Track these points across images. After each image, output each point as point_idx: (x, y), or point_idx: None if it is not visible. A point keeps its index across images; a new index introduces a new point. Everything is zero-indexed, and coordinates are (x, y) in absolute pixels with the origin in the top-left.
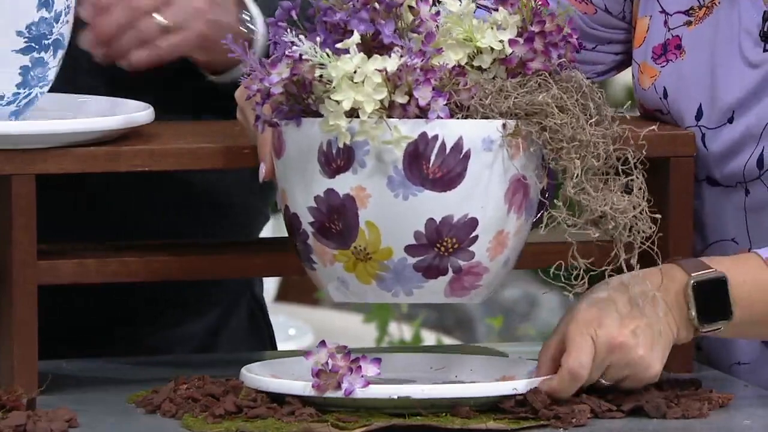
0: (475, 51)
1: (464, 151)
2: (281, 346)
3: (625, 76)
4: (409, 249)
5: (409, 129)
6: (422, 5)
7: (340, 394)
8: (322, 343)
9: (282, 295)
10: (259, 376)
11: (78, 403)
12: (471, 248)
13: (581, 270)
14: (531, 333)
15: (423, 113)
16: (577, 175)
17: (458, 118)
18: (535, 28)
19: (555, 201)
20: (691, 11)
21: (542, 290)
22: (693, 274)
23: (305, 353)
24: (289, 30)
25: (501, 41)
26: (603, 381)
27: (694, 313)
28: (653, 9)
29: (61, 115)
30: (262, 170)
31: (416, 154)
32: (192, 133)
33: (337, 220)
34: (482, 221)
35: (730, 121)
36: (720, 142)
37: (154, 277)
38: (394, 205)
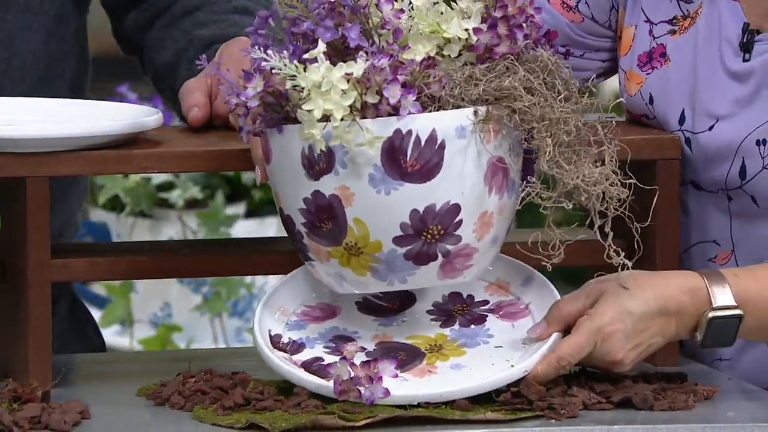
0: (445, 41)
1: (439, 141)
2: None
3: (613, 82)
4: (397, 240)
5: (381, 128)
6: (384, 5)
7: (362, 400)
8: (343, 358)
9: None
10: (282, 364)
11: (90, 395)
12: (457, 232)
13: (557, 240)
14: None
15: (396, 110)
16: (550, 152)
17: (430, 111)
18: (498, 14)
19: (529, 178)
20: (674, 20)
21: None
22: (715, 306)
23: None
24: (257, 47)
25: (466, 30)
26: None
27: (699, 337)
28: (638, 18)
29: (70, 119)
30: (258, 175)
31: (393, 150)
32: (198, 136)
33: (327, 219)
34: (464, 206)
35: (711, 128)
36: (702, 147)
37: (163, 275)
38: (377, 200)
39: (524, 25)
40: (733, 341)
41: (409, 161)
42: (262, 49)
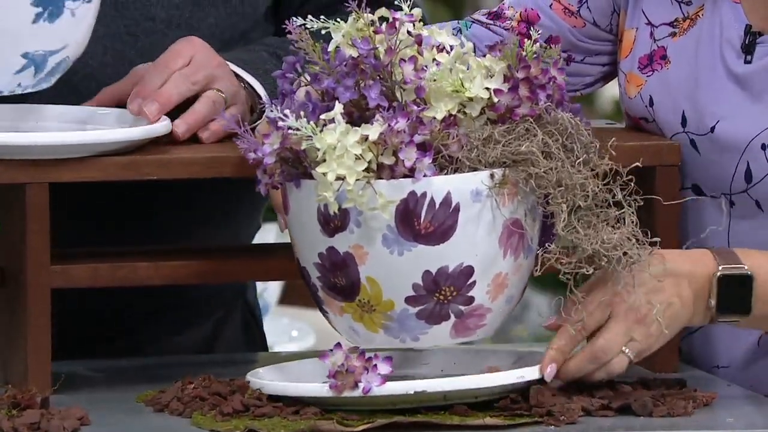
0: (467, 99)
1: (453, 204)
2: (284, 347)
3: (612, 89)
4: (410, 300)
5: (395, 192)
6: (405, 66)
7: (357, 393)
8: (338, 345)
9: (285, 298)
10: (273, 381)
11: (89, 402)
12: (470, 294)
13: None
14: (524, 335)
15: (412, 171)
16: (564, 218)
17: (447, 172)
18: (520, 75)
19: (547, 245)
20: (675, 23)
21: (534, 294)
22: (721, 267)
23: (319, 354)
24: (275, 106)
25: (488, 89)
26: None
27: (713, 303)
28: (639, 21)
29: (75, 126)
30: (281, 223)
31: (407, 212)
32: (201, 143)
33: (341, 275)
34: (478, 268)
35: (713, 130)
36: (707, 148)
37: (164, 281)
38: (390, 260)
39: (547, 85)
40: (750, 309)
41: (422, 223)
42: (278, 108)
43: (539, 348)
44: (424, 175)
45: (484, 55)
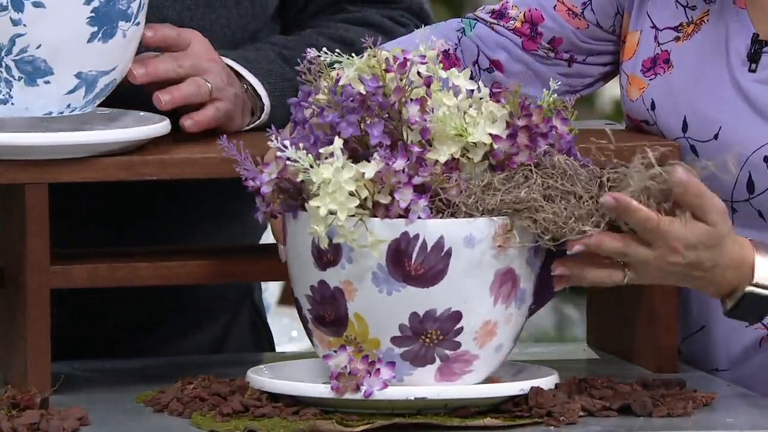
0: (470, 144)
1: (445, 249)
2: (284, 348)
3: (612, 89)
4: (395, 340)
5: (387, 231)
6: (411, 106)
7: (359, 396)
8: (342, 347)
9: (285, 298)
10: (272, 379)
11: (89, 402)
12: (456, 339)
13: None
14: (523, 335)
15: (407, 212)
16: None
17: (443, 216)
18: (521, 122)
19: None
20: (680, 27)
21: None
22: (754, 282)
23: (323, 356)
24: (276, 137)
25: (490, 134)
26: None
27: (728, 307)
28: (644, 24)
29: (75, 126)
30: (281, 252)
31: (398, 252)
32: (201, 143)
33: (330, 310)
34: (466, 314)
35: (716, 137)
36: (708, 155)
37: (163, 281)
38: (378, 299)
39: (548, 133)
40: (758, 320)
41: (413, 265)
42: (278, 139)
43: (540, 352)
44: (419, 217)
45: (489, 60)
